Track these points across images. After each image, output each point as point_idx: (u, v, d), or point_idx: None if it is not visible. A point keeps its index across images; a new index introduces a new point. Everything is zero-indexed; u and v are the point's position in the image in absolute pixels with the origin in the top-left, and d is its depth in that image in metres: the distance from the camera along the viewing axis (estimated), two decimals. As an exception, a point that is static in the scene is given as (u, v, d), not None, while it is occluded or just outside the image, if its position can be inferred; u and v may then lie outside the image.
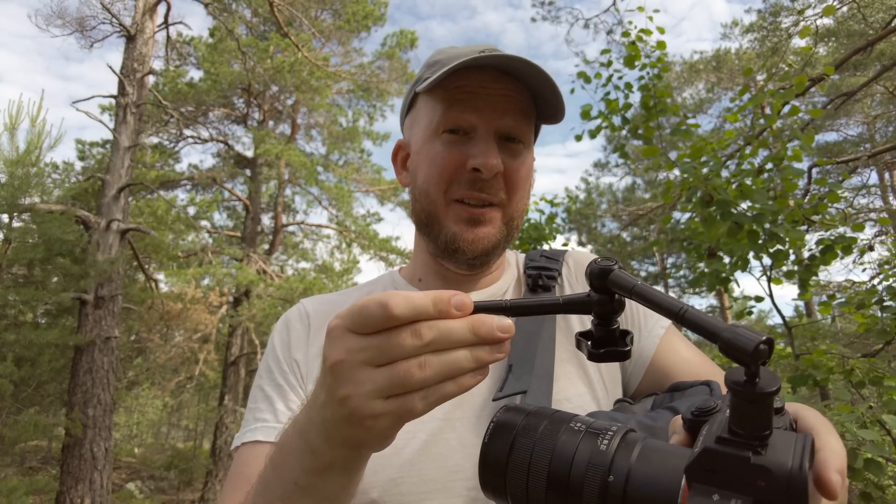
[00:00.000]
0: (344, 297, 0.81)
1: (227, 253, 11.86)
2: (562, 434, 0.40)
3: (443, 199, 0.71)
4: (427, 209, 0.72)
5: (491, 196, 0.70)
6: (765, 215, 2.34)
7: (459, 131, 0.70)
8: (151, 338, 10.80)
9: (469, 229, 0.70)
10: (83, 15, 8.62)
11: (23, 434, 6.49)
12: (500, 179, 0.70)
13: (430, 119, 0.72)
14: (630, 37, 3.10)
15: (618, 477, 0.37)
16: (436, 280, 0.78)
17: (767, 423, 0.33)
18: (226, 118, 13.39)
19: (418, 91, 0.74)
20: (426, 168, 0.72)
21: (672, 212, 3.25)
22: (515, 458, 0.41)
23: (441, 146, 0.71)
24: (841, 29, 10.77)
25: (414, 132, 0.77)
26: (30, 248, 6.83)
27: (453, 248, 0.71)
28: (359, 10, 12.22)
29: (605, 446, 0.39)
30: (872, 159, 9.49)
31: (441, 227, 0.71)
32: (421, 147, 0.74)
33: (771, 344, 0.32)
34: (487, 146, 0.69)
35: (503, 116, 0.70)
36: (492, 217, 0.71)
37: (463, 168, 0.69)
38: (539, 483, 0.39)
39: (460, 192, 0.70)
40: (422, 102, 0.75)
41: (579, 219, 15.04)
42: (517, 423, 0.42)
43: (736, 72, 13.56)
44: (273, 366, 0.74)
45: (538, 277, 0.80)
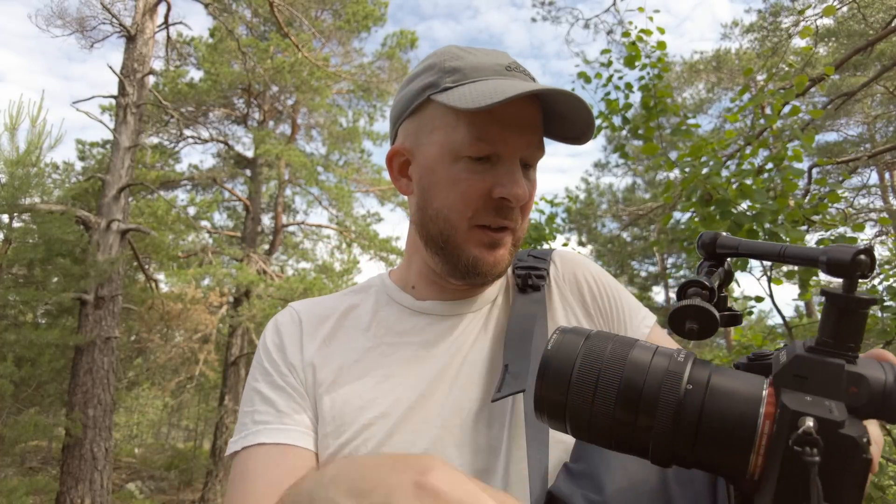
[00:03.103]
0: (335, 301, 0.79)
1: (228, 253, 11.86)
2: (633, 349, 0.40)
3: (465, 225, 0.69)
4: (446, 233, 0.70)
5: (510, 221, 0.70)
6: (764, 214, 2.34)
7: (484, 159, 0.67)
8: (152, 338, 10.80)
9: (489, 252, 0.70)
10: (83, 15, 8.63)
11: (23, 434, 6.49)
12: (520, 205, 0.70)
13: (450, 138, 0.68)
14: (630, 37, 3.10)
15: (696, 386, 0.36)
16: (429, 288, 0.76)
17: (860, 336, 0.34)
18: (226, 118, 13.40)
19: (435, 99, 0.68)
20: (447, 192, 0.69)
21: (672, 211, 3.25)
22: (582, 369, 0.39)
23: (464, 171, 0.67)
24: (841, 29, 10.77)
25: (422, 142, 0.71)
26: (30, 249, 6.83)
27: (475, 272, 0.70)
28: (359, 11, 12.23)
29: (681, 359, 0.38)
30: (872, 159, 9.49)
31: (461, 252, 0.70)
32: (436, 165, 0.69)
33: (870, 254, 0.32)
34: (515, 175, 0.67)
35: (529, 146, 0.69)
36: (506, 240, 0.71)
37: (488, 196, 0.67)
38: (608, 394, 0.38)
39: (486, 220, 0.69)
40: (436, 112, 0.69)
41: (579, 219, 15.04)
42: (579, 341, 0.41)
43: (736, 72, 13.57)
44: (271, 368, 0.71)
45: (527, 277, 0.79)
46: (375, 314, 0.76)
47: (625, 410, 0.38)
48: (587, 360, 0.40)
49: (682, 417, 0.36)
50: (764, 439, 0.34)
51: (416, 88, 0.71)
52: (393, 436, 0.64)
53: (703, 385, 0.36)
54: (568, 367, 0.40)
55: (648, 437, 0.37)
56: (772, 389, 0.35)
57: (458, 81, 0.67)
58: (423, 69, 0.72)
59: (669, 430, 0.36)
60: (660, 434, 0.37)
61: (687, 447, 0.36)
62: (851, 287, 0.33)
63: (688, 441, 0.36)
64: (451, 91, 0.67)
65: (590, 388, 0.39)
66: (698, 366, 0.38)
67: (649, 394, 0.37)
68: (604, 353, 0.40)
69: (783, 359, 0.36)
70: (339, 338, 0.73)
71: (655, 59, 3.05)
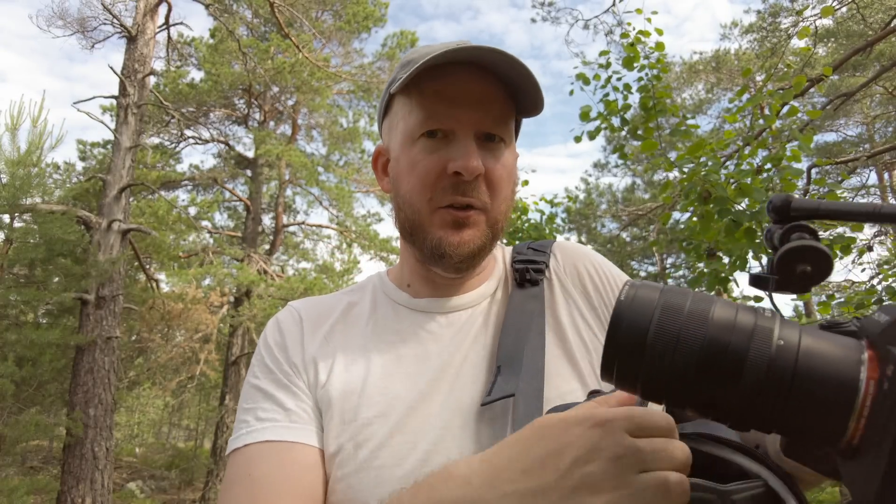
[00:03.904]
0: (334, 300, 0.78)
1: (228, 253, 11.88)
2: (715, 304, 0.36)
3: (427, 208, 0.68)
4: (411, 218, 0.70)
5: (474, 199, 0.67)
6: (763, 213, 2.35)
7: (438, 134, 0.67)
8: (152, 338, 10.81)
9: (454, 233, 0.68)
10: (84, 16, 8.65)
11: (24, 434, 6.50)
12: (482, 181, 0.68)
13: (406, 123, 0.69)
14: (629, 38, 3.11)
15: (788, 343, 0.34)
16: (424, 285, 0.76)
17: None
18: (226, 119, 13.41)
19: (392, 92, 0.71)
20: (407, 176, 0.69)
21: (671, 211, 3.26)
22: (661, 325, 0.36)
23: (420, 152, 0.68)
24: (840, 29, 10.79)
25: (392, 137, 0.73)
26: (31, 249, 6.84)
27: (439, 253, 0.68)
28: (359, 11, 12.24)
29: (769, 315, 0.35)
30: (871, 159, 9.50)
31: (426, 234, 0.69)
32: (400, 154, 0.71)
33: None
34: (467, 148, 0.66)
35: (482, 116, 0.67)
36: (476, 220, 0.68)
37: (444, 173, 0.66)
38: (690, 352, 0.35)
39: (445, 199, 0.67)
40: (397, 105, 0.72)
41: (579, 219, 15.05)
42: (655, 296, 0.38)
43: (735, 72, 13.57)
44: (273, 366, 0.70)
45: (525, 272, 0.78)
46: (374, 312, 0.75)
47: (709, 370, 0.35)
48: (666, 316, 0.36)
49: (772, 376, 0.33)
50: (868, 400, 0.31)
51: (384, 90, 0.75)
52: (394, 436, 0.62)
53: (795, 342, 0.34)
54: (644, 322, 0.36)
55: (733, 398, 0.34)
56: (871, 352, 0.32)
57: (407, 71, 0.67)
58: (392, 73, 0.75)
59: (758, 389, 0.33)
60: (747, 395, 0.34)
61: (776, 409, 0.34)
62: None
63: (777, 402, 0.33)
64: (400, 80, 0.67)
65: (669, 346, 0.35)
66: (786, 323, 0.35)
67: (737, 351, 0.34)
68: (683, 307, 0.36)
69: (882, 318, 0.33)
70: (339, 336, 0.72)
71: (654, 60, 3.06)
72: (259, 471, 0.61)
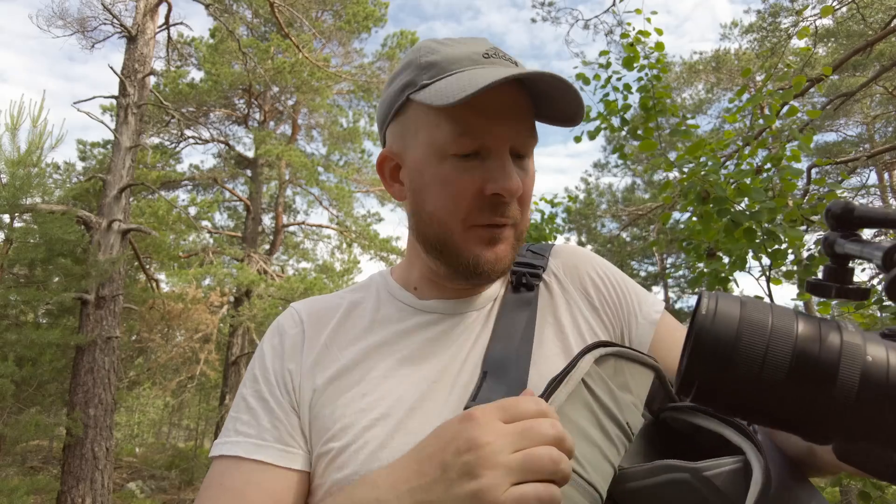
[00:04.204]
0: (337, 299, 0.77)
1: (228, 253, 11.88)
2: (799, 318, 0.36)
3: (460, 227, 0.66)
4: (442, 236, 0.67)
5: (508, 217, 0.67)
6: (762, 213, 2.35)
7: (472, 154, 0.64)
8: (152, 338, 10.81)
9: (489, 249, 0.67)
10: (84, 16, 8.65)
11: (24, 434, 6.50)
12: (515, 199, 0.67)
13: (433, 137, 0.65)
14: (629, 38, 3.11)
15: (877, 357, 0.33)
16: (432, 289, 0.75)
17: None
18: (227, 119, 13.42)
19: (418, 101, 0.65)
20: (437, 193, 0.66)
21: (671, 211, 3.26)
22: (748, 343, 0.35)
23: (452, 170, 0.64)
24: (840, 29, 10.79)
25: (409, 145, 0.69)
26: (31, 249, 6.84)
27: (476, 271, 0.68)
28: (359, 11, 12.24)
29: (853, 329, 0.35)
30: (871, 159, 9.51)
31: (459, 253, 0.67)
32: (424, 167, 0.67)
33: None
34: (506, 168, 0.64)
35: (518, 134, 0.65)
36: (507, 235, 0.68)
37: (481, 193, 0.64)
38: (778, 368, 0.35)
39: (481, 219, 0.66)
40: (418, 112, 0.67)
41: (579, 219, 15.05)
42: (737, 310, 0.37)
43: (735, 72, 13.58)
44: (260, 376, 0.70)
45: (521, 276, 0.77)
46: (377, 312, 0.74)
47: (800, 385, 0.34)
48: (751, 330, 0.36)
49: (865, 390, 0.33)
50: None
51: (395, 89, 0.69)
52: (394, 437, 0.62)
53: (885, 357, 0.34)
54: (729, 336, 0.36)
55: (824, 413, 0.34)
56: None
57: (434, 77, 0.64)
58: (401, 68, 0.70)
59: (850, 404, 0.33)
60: (838, 410, 0.34)
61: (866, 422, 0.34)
62: None
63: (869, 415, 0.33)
64: (428, 88, 0.64)
65: (757, 362, 0.35)
66: (870, 337, 0.35)
67: (827, 366, 0.34)
68: (767, 321, 0.36)
69: None
70: (341, 339, 0.72)
71: (654, 60, 3.06)
72: (229, 483, 0.64)
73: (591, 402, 0.57)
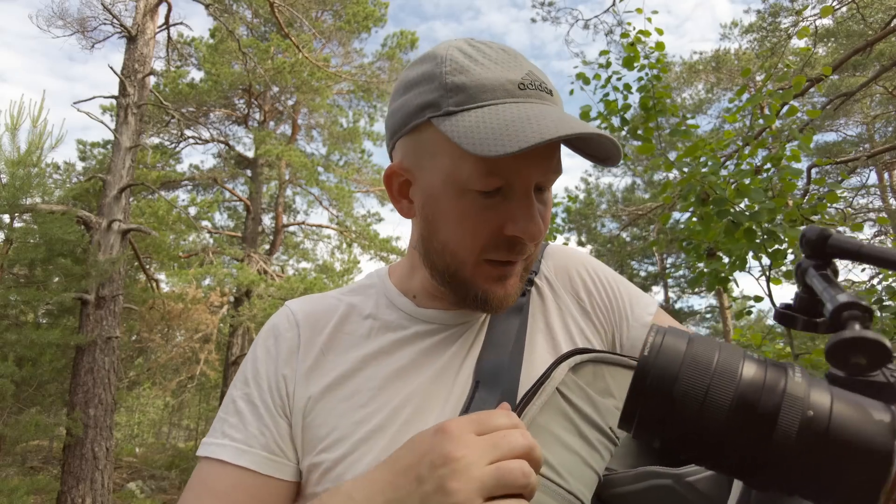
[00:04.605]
0: (334, 301, 0.75)
1: (228, 253, 11.88)
2: (744, 361, 0.35)
3: (473, 260, 0.64)
4: (453, 268, 0.65)
5: (524, 255, 0.65)
6: (762, 214, 2.35)
7: (495, 192, 0.61)
8: (152, 338, 10.82)
9: (499, 285, 0.65)
10: (84, 16, 8.65)
11: (24, 434, 6.50)
12: None
13: (455, 168, 0.60)
14: (629, 38, 3.11)
15: (819, 414, 0.32)
16: (431, 300, 0.73)
17: None
18: (226, 119, 13.42)
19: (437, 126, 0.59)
20: (454, 226, 0.63)
21: (671, 211, 3.26)
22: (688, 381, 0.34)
23: (472, 206, 0.61)
24: (840, 29, 10.79)
25: (424, 166, 0.64)
26: (31, 249, 6.85)
27: (485, 306, 0.66)
28: (359, 11, 12.25)
29: (799, 378, 0.34)
30: (871, 159, 9.51)
31: (468, 285, 0.66)
32: (441, 196, 0.62)
33: None
34: (529, 210, 0.61)
35: (545, 172, 0.62)
36: (517, 270, 0.67)
37: (499, 232, 0.61)
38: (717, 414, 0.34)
39: (496, 256, 0.64)
40: (438, 137, 0.60)
41: (579, 219, 15.05)
42: (682, 346, 0.36)
43: (735, 72, 13.58)
44: (251, 379, 0.68)
45: None
46: (375, 319, 0.73)
47: (737, 430, 0.33)
48: (694, 368, 0.35)
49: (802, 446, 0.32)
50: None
51: (414, 105, 0.62)
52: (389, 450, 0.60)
53: (827, 412, 0.32)
54: (671, 373, 0.35)
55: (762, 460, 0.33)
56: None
57: (462, 105, 0.59)
58: (421, 76, 0.63)
59: (788, 454, 0.33)
60: (775, 459, 0.33)
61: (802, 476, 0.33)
62: None
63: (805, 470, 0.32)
64: (454, 118, 0.58)
65: (697, 400, 0.34)
66: (816, 386, 0.34)
67: (766, 415, 0.33)
68: (712, 360, 0.35)
69: None
70: (338, 345, 0.70)
71: (654, 59, 3.06)
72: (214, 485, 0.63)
73: (567, 411, 0.57)
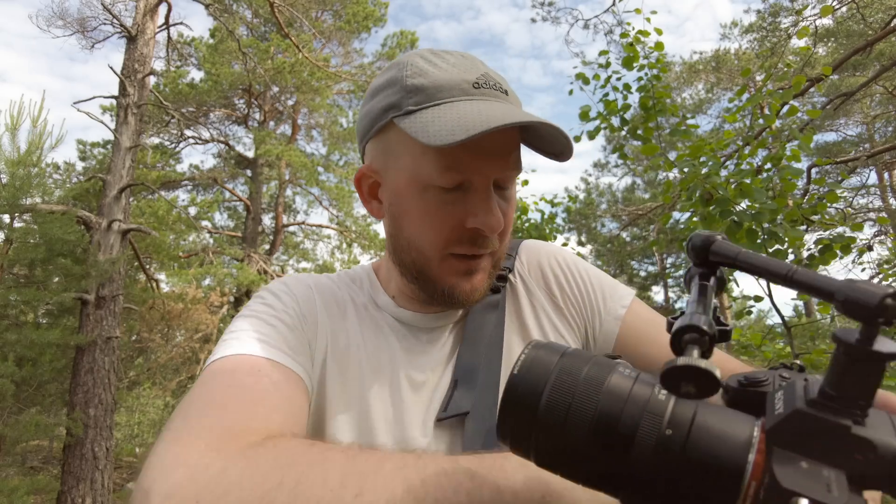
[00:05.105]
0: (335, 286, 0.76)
1: (228, 253, 11.88)
2: (611, 376, 0.35)
3: (438, 255, 0.65)
4: (419, 263, 0.67)
5: (486, 249, 0.66)
6: (764, 214, 2.35)
7: (456, 188, 0.63)
8: (152, 338, 10.81)
9: (466, 280, 0.66)
10: (84, 16, 8.65)
11: (24, 434, 6.50)
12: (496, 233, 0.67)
13: (416, 166, 0.63)
14: (629, 38, 3.11)
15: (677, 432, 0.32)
16: (409, 302, 0.74)
17: (872, 393, 0.29)
18: (226, 119, 13.42)
19: (398, 124, 0.63)
20: (417, 222, 0.65)
21: (671, 211, 3.26)
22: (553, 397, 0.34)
23: (433, 202, 0.63)
24: (840, 29, 10.79)
25: (390, 168, 0.67)
26: (31, 249, 6.84)
27: (451, 300, 0.67)
28: (359, 11, 12.25)
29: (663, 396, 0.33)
30: (871, 159, 9.51)
31: (436, 282, 0.67)
32: (405, 194, 0.65)
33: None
34: (488, 203, 0.63)
35: (503, 168, 0.64)
36: (484, 265, 0.67)
37: (461, 226, 0.64)
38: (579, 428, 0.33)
39: (459, 250, 0.65)
40: (401, 137, 0.64)
41: (579, 219, 15.05)
42: (553, 361, 0.36)
43: (735, 72, 13.58)
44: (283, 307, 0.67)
45: None
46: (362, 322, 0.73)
47: (598, 446, 0.33)
48: (561, 381, 0.35)
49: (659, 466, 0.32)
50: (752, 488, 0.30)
51: (378, 108, 0.66)
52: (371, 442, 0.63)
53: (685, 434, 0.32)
54: (538, 388, 0.35)
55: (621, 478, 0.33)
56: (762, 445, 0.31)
57: (420, 104, 0.62)
58: (385, 83, 0.67)
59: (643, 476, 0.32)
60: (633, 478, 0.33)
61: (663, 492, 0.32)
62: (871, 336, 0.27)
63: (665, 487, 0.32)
64: (413, 116, 0.61)
65: (560, 417, 0.34)
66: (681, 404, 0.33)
67: (625, 432, 0.33)
68: (580, 373, 0.35)
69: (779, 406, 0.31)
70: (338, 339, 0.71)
71: (654, 59, 3.07)
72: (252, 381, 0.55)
73: None
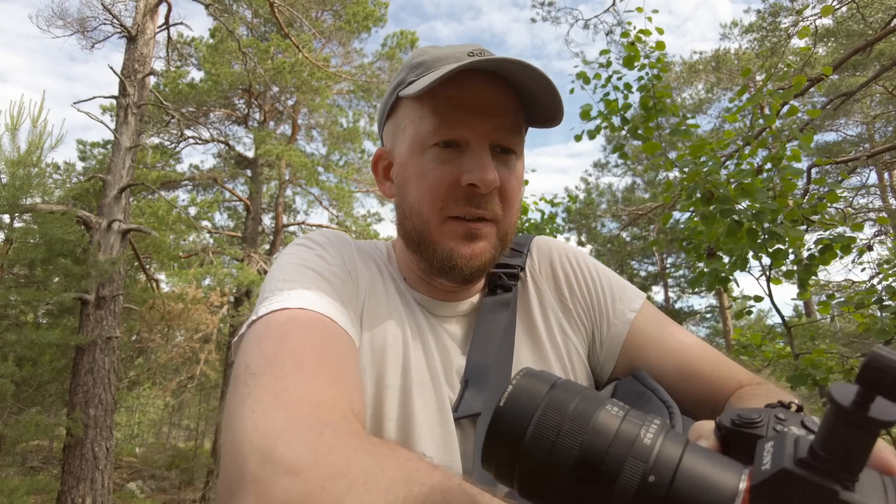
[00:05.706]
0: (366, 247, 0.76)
1: (228, 253, 11.88)
2: (598, 414, 0.34)
3: (437, 218, 0.66)
4: (419, 228, 0.67)
5: (486, 211, 0.66)
6: (764, 214, 2.35)
7: (451, 145, 0.65)
8: (153, 338, 10.81)
9: (465, 244, 0.66)
10: (84, 16, 8.64)
11: (24, 434, 6.49)
12: (496, 193, 0.66)
13: (417, 130, 0.67)
14: (629, 37, 3.11)
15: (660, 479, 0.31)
16: (419, 284, 0.74)
17: (865, 458, 0.27)
18: (226, 119, 13.41)
19: (402, 96, 0.68)
20: (416, 185, 0.67)
21: (671, 211, 3.26)
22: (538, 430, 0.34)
23: (432, 161, 0.65)
24: (840, 29, 10.78)
25: (398, 141, 0.70)
26: (31, 249, 6.84)
27: (450, 265, 0.66)
28: (359, 11, 12.24)
29: (649, 440, 0.33)
30: (871, 159, 9.50)
31: (435, 246, 0.66)
32: (408, 160, 0.68)
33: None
34: (483, 160, 0.64)
35: (497, 127, 0.65)
36: (487, 232, 0.67)
37: (457, 184, 0.64)
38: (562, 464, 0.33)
39: (457, 210, 0.65)
40: (406, 109, 0.69)
41: (579, 219, 15.04)
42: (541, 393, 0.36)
43: (735, 72, 13.58)
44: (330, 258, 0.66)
45: (498, 277, 0.76)
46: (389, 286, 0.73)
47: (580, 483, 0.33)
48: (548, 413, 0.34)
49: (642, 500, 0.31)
50: None
51: (389, 92, 0.73)
52: None
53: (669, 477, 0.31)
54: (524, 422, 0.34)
55: None
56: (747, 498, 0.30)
57: (420, 74, 0.67)
58: (398, 73, 0.73)
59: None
60: None
61: None
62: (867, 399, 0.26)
63: None
64: (412, 84, 0.67)
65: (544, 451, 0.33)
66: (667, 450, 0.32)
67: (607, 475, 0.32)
68: (568, 406, 0.34)
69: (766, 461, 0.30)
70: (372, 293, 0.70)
71: (654, 59, 3.06)
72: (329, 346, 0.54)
73: None
